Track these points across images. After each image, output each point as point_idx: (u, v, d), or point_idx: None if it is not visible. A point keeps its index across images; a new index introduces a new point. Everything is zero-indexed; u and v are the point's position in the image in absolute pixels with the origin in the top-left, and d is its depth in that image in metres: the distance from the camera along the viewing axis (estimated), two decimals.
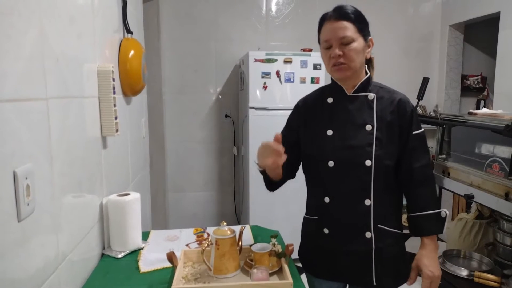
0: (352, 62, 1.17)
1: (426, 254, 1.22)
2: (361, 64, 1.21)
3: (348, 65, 1.18)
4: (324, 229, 1.27)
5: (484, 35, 3.67)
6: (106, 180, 1.41)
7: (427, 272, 1.20)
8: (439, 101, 3.71)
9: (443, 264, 2.22)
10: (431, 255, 1.22)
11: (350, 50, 1.16)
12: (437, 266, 1.21)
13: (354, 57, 1.17)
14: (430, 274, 1.20)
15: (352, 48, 1.16)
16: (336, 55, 1.17)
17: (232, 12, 3.42)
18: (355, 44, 1.16)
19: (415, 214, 1.24)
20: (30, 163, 0.83)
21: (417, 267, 1.24)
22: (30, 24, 0.85)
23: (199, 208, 3.59)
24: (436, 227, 1.22)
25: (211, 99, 3.51)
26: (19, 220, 0.78)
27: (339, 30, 1.16)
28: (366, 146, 1.19)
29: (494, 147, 1.94)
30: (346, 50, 1.16)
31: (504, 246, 2.09)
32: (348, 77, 1.22)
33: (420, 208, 1.23)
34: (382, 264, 1.24)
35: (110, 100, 1.34)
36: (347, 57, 1.17)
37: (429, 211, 1.21)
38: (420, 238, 1.25)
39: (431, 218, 1.22)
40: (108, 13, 1.50)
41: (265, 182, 1.33)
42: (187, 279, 1.15)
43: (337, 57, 1.17)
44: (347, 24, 1.16)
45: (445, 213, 1.21)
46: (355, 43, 1.16)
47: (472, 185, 2.00)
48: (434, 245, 1.23)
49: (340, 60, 1.17)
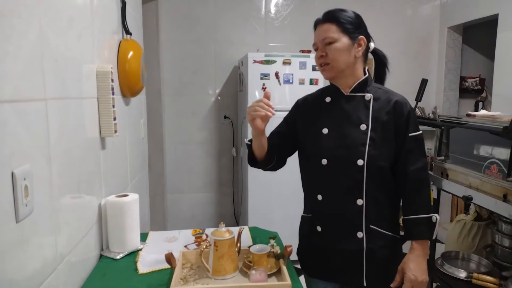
0: (334, 61, 1.20)
1: (412, 259, 1.20)
2: (347, 63, 1.21)
3: (331, 65, 1.21)
4: (317, 227, 1.28)
5: (482, 37, 3.69)
6: (104, 181, 1.41)
7: (410, 276, 1.18)
8: (438, 102, 3.72)
9: (441, 265, 2.22)
10: (417, 260, 1.20)
11: (331, 50, 1.20)
12: (422, 271, 1.19)
13: (336, 56, 1.20)
14: (412, 278, 1.18)
15: (333, 48, 1.20)
16: (318, 55, 1.23)
17: (231, 14, 3.42)
18: (336, 44, 1.19)
19: (407, 217, 1.23)
20: (29, 164, 0.83)
21: (402, 269, 1.22)
22: (30, 25, 0.85)
23: (198, 209, 3.59)
24: (426, 232, 1.20)
25: (210, 100, 3.51)
26: (17, 221, 0.78)
27: (322, 32, 1.22)
28: (359, 145, 1.20)
29: (492, 148, 1.95)
30: (328, 50, 1.20)
31: (503, 247, 2.09)
32: (333, 77, 1.24)
33: (412, 211, 1.22)
34: (373, 265, 1.23)
35: (109, 101, 1.34)
36: (329, 57, 1.20)
37: (420, 215, 1.20)
38: (410, 242, 1.24)
39: (422, 222, 1.20)
40: (107, 14, 1.50)
41: (248, 156, 1.36)
42: (186, 280, 1.15)
43: (320, 57, 1.22)
44: (330, 26, 1.20)
45: (436, 218, 1.19)
46: (337, 43, 1.19)
47: (470, 187, 2.01)
48: (423, 250, 1.21)
49: (323, 60, 1.22)
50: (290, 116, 1.38)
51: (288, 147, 1.36)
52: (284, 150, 1.36)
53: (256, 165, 1.37)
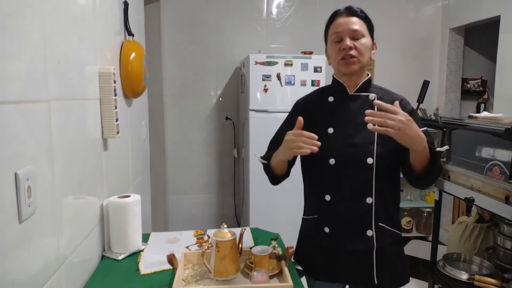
0: (362, 56, 1.19)
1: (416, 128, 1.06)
2: (368, 62, 1.23)
3: (358, 59, 1.19)
4: (324, 228, 1.27)
5: (484, 39, 3.68)
6: (106, 181, 1.41)
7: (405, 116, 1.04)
8: (440, 104, 3.72)
9: (443, 267, 2.21)
10: (418, 131, 1.07)
11: (361, 45, 1.19)
12: (416, 131, 1.05)
13: (364, 52, 1.19)
14: (404, 119, 1.03)
15: (363, 43, 1.19)
16: (348, 47, 1.18)
17: (233, 15, 3.43)
18: (365, 40, 1.19)
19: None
20: (32, 165, 0.83)
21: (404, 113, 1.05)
22: (33, 27, 0.86)
23: (199, 210, 3.59)
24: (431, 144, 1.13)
25: (212, 101, 3.51)
26: (20, 222, 0.78)
27: (351, 23, 1.19)
28: (368, 144, 1.20)
29: (494, 150, 1.94)
30: (357, 44, 1.18)
31: (505, 249, 2.09)
32: (354, 72, 1.22)
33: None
34: (382, 263, 1.24)
35: (111, 102, 1.34)
36: (358, 50, 1.18)
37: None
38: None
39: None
40: (109, 16, 1.51)
41: (269, 176, 1.34)
42: (187, 281, 1.15)
43: (348, 49, 1.18)
44: (359, 21, 1.20)
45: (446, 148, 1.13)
46: (365, 39, 1.20)
47: (472, 189, 2.00)
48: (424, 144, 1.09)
49: (351, 53, 1.18)
50: (291, 117, 1.37)
51: None
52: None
53: (279, 182, 1.36)
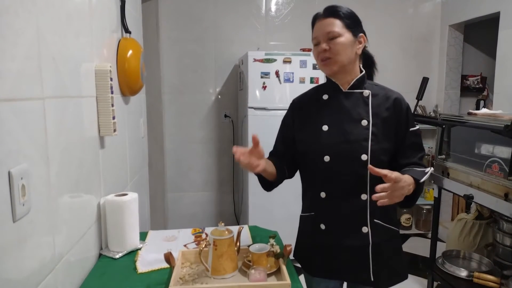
0: (337, 55, 1.20)
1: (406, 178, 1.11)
2: (349, 59, 1.22)
3: (334, 59, 1.20)
4: (320, 225, 1.28)
5: (484, 35, 3.67)
6: (103, 180, 1.40)
7: (400, 177, 1.07)
8: (439, 101, 3.71)
9: (442, 264, 2.21)
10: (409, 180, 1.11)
11: (335, 44, 1.19)
12: (407, 181, 1.08)
13: (340, 51, 1.19)
14: (399, 180, 1.06)
15: (338, 42, 1.19)
16: (322, 49, 1.21)
17: (231, 12, 3.41)
18: (341, 39, 1.19)
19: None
20: (26, 163, 0.82)
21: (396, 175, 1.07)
22: (26, 24, 0.85)
23: (198, 208, 3.59)
24: (419, 173, 1.16)
25: (211, 99, 3.50)
26: (14, 221, 0.78)
27: (326, 26, 1.21)
28: (362, 140, 1.20)
29: (493, 147, 1.94)
30: (332, 45, 1.20)
31: (504, 246, 2.09)
32: (336, 72, 1.24)
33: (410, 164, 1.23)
34: (378, 260, 1.24)
35: (108, 99, 1.33)
36: (333, 51, 1.20)
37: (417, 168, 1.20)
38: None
39: (417, 171, 1.18)
40: (106, 13, 1.50)
41: (261, 183, 1.35)
42: (185, 279, 1.14)
43: (323, 51, 1.21)
44: (334, 21, 1.20)
45: (430, 170, 1.19)
46: (341, 37, 1.19)
47: (471, 186, 2.00)
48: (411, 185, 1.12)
49: (326, 55, 1.21)
50: (288, 117, 1.38)
51: (295, 149, 1.35)
52: (293, 154, 1.34)
53: (273, 187, 1.36)
